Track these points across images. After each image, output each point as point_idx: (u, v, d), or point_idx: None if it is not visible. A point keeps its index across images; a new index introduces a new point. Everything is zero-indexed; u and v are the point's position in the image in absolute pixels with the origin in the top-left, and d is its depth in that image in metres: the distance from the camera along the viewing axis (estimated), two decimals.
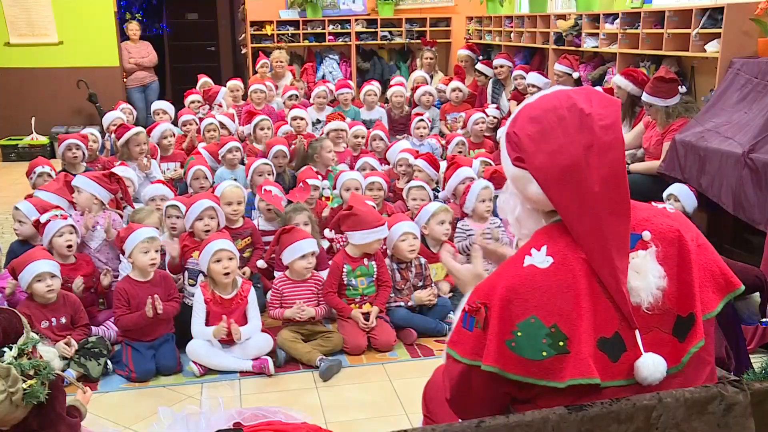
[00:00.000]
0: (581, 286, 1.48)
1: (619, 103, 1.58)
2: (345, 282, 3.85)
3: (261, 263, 4.16)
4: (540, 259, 1.51)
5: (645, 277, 1.49)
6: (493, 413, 1.61)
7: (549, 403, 1.50)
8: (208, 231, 3.96)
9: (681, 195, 4.41)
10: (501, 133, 6.22)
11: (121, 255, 3.92)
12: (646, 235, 1.53)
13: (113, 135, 5.93)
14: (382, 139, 6.33)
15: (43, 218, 3.80)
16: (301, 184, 4.81)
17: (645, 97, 4.96)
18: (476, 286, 1.61)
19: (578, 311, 1.46)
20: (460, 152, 5.89)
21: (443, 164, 5.68)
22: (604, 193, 1.48)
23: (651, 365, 1.48)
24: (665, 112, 4.91)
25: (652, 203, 1.66)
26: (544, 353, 1.46)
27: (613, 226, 1.49)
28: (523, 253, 1.55)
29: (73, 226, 3.87)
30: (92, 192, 4.30)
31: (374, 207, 4.35)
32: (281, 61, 8.45)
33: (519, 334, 1.47)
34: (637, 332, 1.48)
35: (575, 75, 6.53)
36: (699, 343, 1.52)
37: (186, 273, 3.98)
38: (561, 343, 1.46)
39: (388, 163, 5.86)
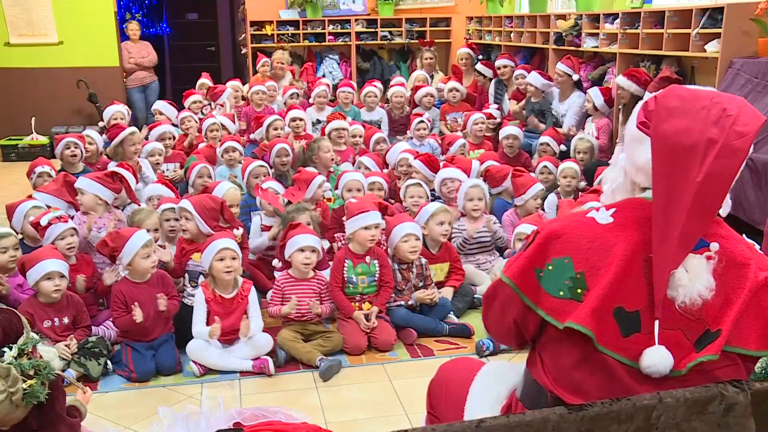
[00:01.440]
0: (622, 253, 1.52)
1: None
2: (345, 278, 3.85)
3: (276, 262, 4.14)
4: (603, 215, 1.59)
5: (692, 278, 1.51)
6: (509, 335, 1.74)
7: (553, 354, 1.59)
8: (172, 231, 4.15)
9: None
10: (504, 132, 6.24)
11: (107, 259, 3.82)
12: (714, 246, 1.54)
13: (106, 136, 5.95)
14: (384, 141, 6.31)
15: (43, 221, 3.79)
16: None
17: (646, 96, 4.97)
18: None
19: (607, 272, 1.52)
20: (461, 154, 5.89)
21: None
22: (703, 188, 1.48)
23: (658, 357, 1.49)
24: None
25: (744, 237, 1.66)
26: (561, 293, 1.55)
27: (691, 221, 1.49)
28: (593, 208, 1.64)
29: (74, 228, 3.87)
30: (95, 193, 4.30)
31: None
32: (282, 62, 8.45)
33: (550, 267, 1.57)
34: (656, 323, 1.50)
35: (575, 77, 6.52)
36: (710, 355, 1.52)
37: (186, 275, 3.98)
38: (579, 291, 1.54)
39: (387, 165, 5.85)
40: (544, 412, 1.44)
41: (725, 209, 1.60)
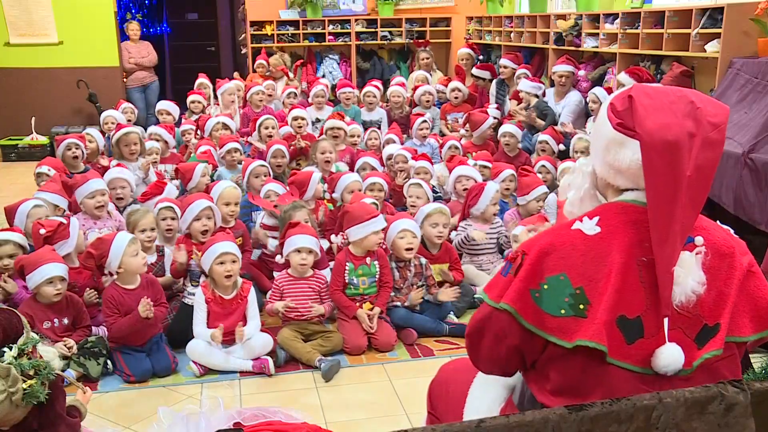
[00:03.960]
0: (618, 261, 1.51)
1: (728, 110, 1.59)
2: (346, 280, 3.85)
3: (279, 258, 4.12)
4: (588, 226, 1.56)
5: (685, 276, 1.51)
6: (501, 363, 1.66)
7: (557, 373, 1.54)
8: (205, 231, 3.97)
9: None
10: (501, 130, 6.32)
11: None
12: (699, 240, 1.55)
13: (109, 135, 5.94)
14: (377, 138, 6.35)
15: (74, 222, 3.84)
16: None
17: None
18: (525, 241, 1.67)
19: (607, 282, 1.50)
20: (453, 156, 5.89)
21: (441, 165, 5.70)
22: (693, 181, 1.49)
23: (671, 356, 1.49)
24: None
25: (718, 222, 1.68)
26: (563, 311, 1.51)
27: (686, 214, 1.50)
28: (575, 219, 1.60)
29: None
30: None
31: (376, 205, 4.36)
32: (277, 66, 8.55)
33: (545, 287, 1.53)
34: (665, 320, 1.50)
35: (581, 72, 6.55)
36: (714, 351, 1.53)
37: (188, 275, 3.97)
38: (581, 306, 1.50)
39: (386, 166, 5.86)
40: (544, 412, 1.44)
41: None
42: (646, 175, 1.51)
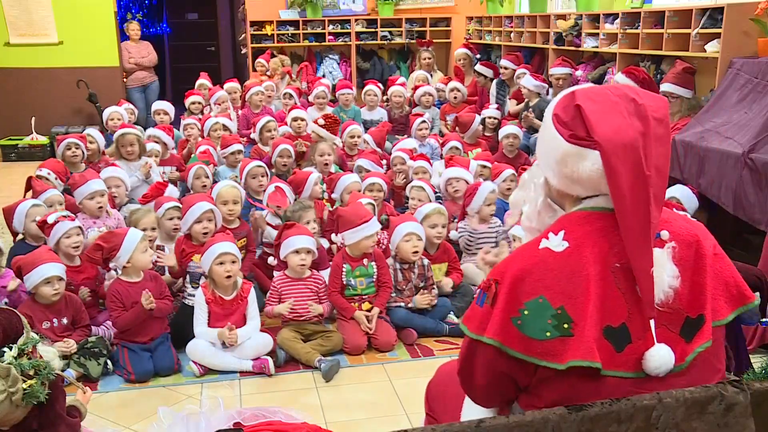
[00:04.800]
0: (593, 272, 1.49)
1: (666, 101, 1.59)
2: (344, 282, 3.85)
3: (272, 260, 4.12)
4: (556, 242, 1.53)
5: (659, 273, 1.50)
6: (496, 393, 1.63)
7: (550, 392, 1.51)
8: (206, 233, 3.98)
9: (683, 198, 4.37)
10: (504, 131, 6.32)
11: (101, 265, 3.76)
12: (665, 234, 1.54)
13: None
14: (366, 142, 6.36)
15: (50, 219, 3.79)
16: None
17: (671, 88, 5.02)
18: (494, 267, 1.64)
19: (587, 296, 1.47)
20: (451, 156, 5.88)
21: (440, 164, 5.70)
22: (653, 181, 1.48)
23: (661, 357, 1.48)
24: (689, 104, 5.00)
25: (674, 210, 1.67)
26: (548, 333, 1.48)
27: (653, 213, 1.49)
28: (540, 236, 1.57)
29: (80, 227, 3.88)
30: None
31: (373, 206, 4.35)
32: (276, 69, 8.59)
33: (525, 312, 1.49)
34: (652, 322, 1.49)
35: (579, 73, 6.54)
36: (705, 343, 1.53)
37: (188, 276, 3.97)
38: (566, 326, 1.47)
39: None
40: (544, 412, 1.44)
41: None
42: (610, 183, 1.49)
